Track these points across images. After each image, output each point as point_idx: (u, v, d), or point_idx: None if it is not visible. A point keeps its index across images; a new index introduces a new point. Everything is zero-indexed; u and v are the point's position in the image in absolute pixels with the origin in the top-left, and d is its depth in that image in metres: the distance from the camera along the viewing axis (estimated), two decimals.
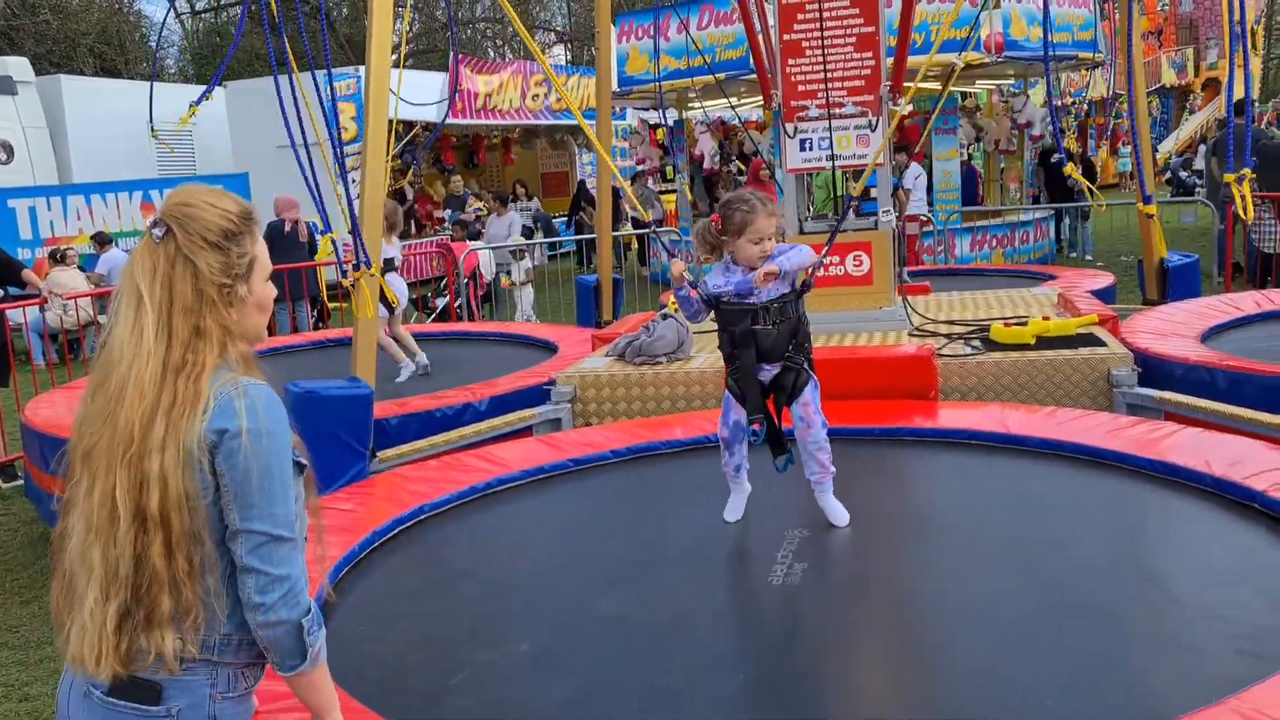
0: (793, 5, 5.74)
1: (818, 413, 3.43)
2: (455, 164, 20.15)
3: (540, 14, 42.33)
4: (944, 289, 7.56)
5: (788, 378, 3.40)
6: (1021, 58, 12.84)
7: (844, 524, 3.48)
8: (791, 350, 3.39)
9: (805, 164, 5.95)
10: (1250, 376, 4.70)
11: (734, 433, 3.47)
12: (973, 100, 16.98)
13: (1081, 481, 3.84)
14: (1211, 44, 28.08)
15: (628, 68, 14.90)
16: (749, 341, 3.35)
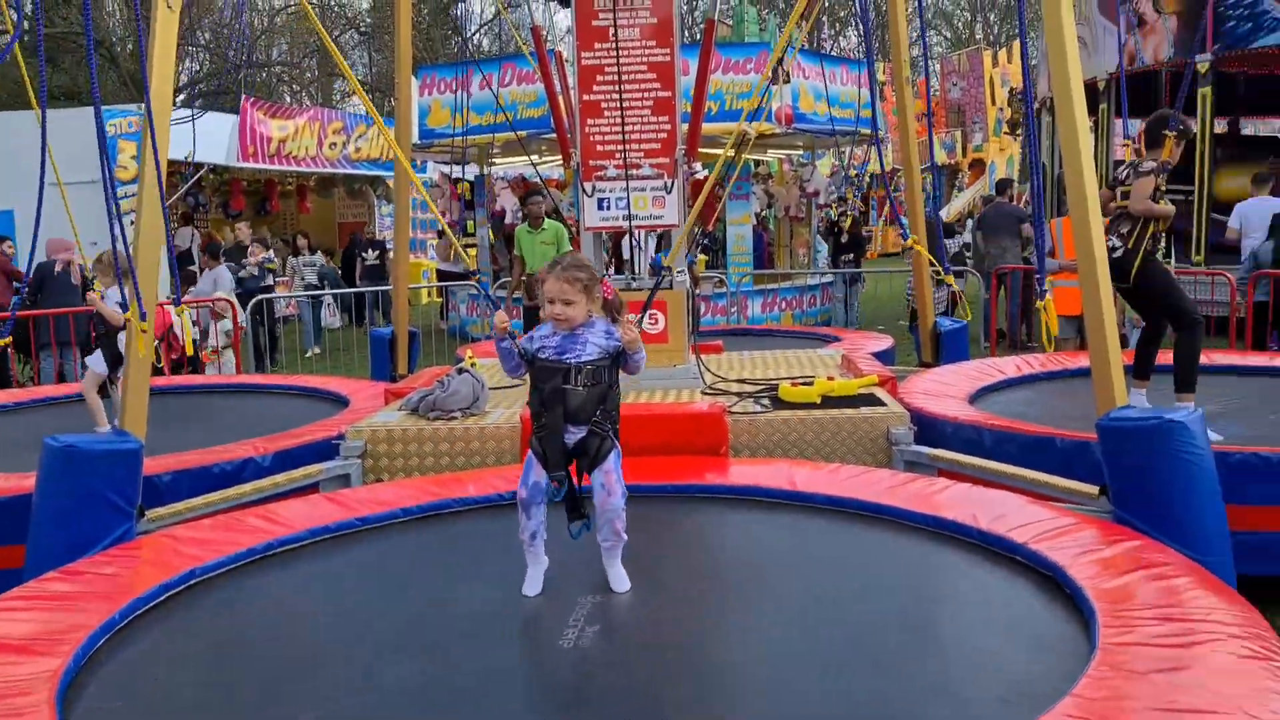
0: (592, 67, 5.84)
1: (619, 481, 3.41)
2: (245, 210, 19.40)
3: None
4: (736, 348, 7.79)
5: (592, 442, 3.37)
6: (809, 130, 13.52)
7: (624, 591, 3.46)
8: (599, 415, 3.37)
9: (603, 223, 6.03)
10: (1013, 435, 5.04)
11: (533, 494, 3.41)
12: (765, 168, 17.76)
13: (862, 536, 3.99)
14: (977, 128, 30.42)
15: (429, 121, 14.79)
16: (557, 401, 3.33)
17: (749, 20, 23.45)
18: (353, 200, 21.79)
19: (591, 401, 3.33)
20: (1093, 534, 3.62)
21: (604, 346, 3.35)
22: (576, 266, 3.33)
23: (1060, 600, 3.21)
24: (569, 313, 3.30)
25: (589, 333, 3.35)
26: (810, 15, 8.32)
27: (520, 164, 16.49)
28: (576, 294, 3.29)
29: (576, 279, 3.29)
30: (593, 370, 3.32)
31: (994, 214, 12.79)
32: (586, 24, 5.80)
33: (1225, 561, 3.77)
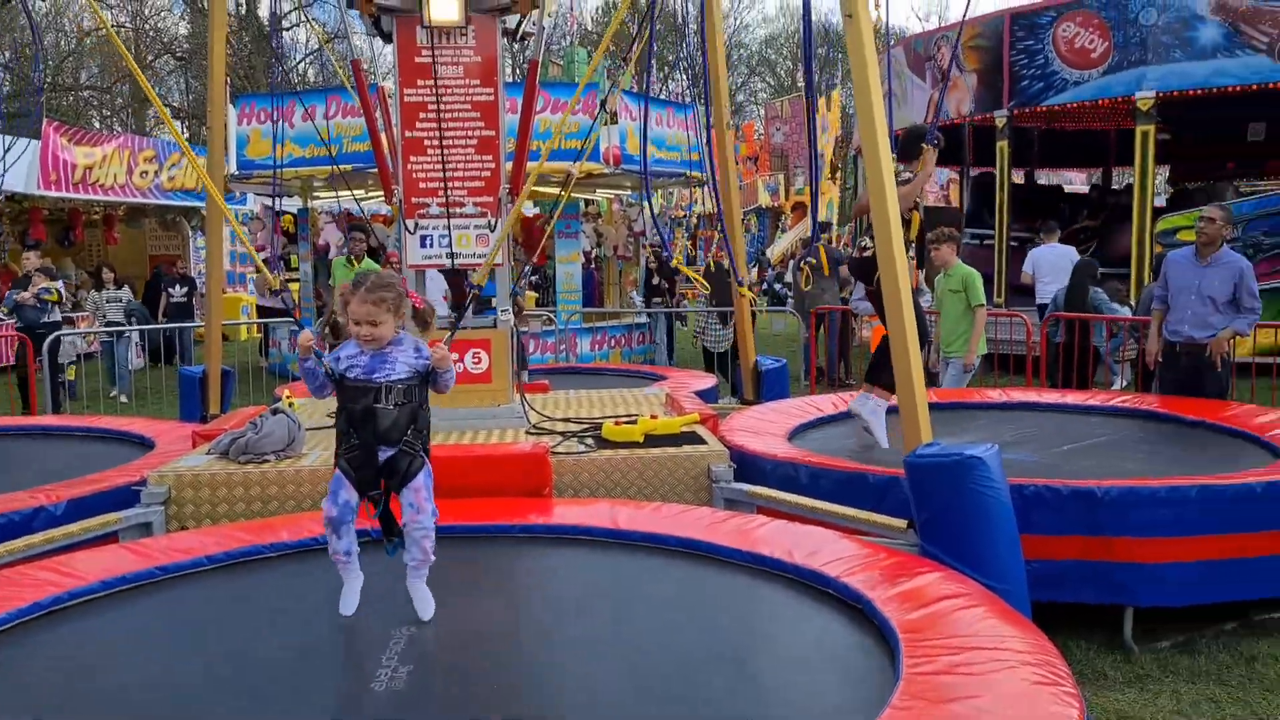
0: (414, 104, 5.77)
1: (428, 499, 3.41)
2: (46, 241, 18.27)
3: (156, 88, 39.88)
4: (563, 387, 7.79)
5: (402, 461, 3.36)
6: (636, 171, 13.73)
7: (428, 615, 3.43)
8: (410, 434, 3.36)
9: (426, 260, 5.95)
10: (828, 471, 5.20)
11: (343, 512, 3.37)
12: (595, 207, 17.92)
13: (681, 573, 4.02)
14: (799, 172, 31.59)
15: (248, 151, 14.30)
16: (369, 420, 3.29)
17: (579, 61, 23.75)
18: (165, 232, 20.84)
19: (403, 420, 3.33)
20: (899, 567, 3.76)
21: (413, 365, 3.35)
22: (382, 286, 3.31)
23: (868, 631, 3.32)
24: (377, 333, 3.29)
25: (398, 351, 3.35)
26: (632, 58, 8.46)
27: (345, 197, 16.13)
28: (384, 314, 3.28)
29: (383, 299, 3.28)
30: (404, 389, 3.33)
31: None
32: (408, 60, 5.74)
33: (1020, 590, 3.98)
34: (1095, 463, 5.59)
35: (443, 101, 5.72)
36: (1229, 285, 6.66)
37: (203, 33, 35.37)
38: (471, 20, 5.70)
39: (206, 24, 20.92)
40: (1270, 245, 12.12)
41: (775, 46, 52.03)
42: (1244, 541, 4.59)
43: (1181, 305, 6.78)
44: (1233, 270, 6.70)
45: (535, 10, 5.83)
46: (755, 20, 53.70)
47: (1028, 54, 13.55)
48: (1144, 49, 12.55)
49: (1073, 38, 13.13)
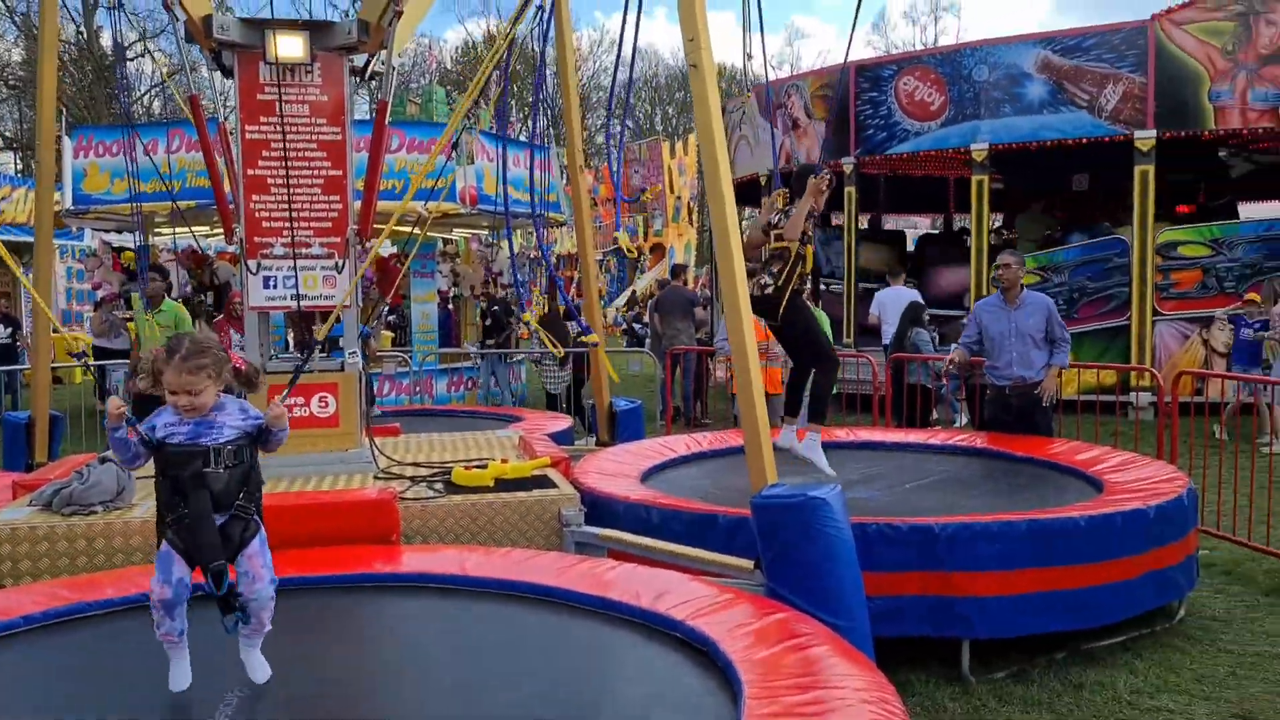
0: (258, 141, 5.62)
1: (265, 567, 3.22)
2: None
3: None
4: (416, 430, 7.64)
5: (236, 528, 3.16)
6: (492, 211, 13.70)
7: (262, 681, 3.26)
8: (243, 499, 3.18)
9: (269, 303, 5.77)
10: (678, 513, 5.23)
11: (178, 592, 3.11)
12: (453, 247, 17.78)
13: (530, 619, 3.98)
14: (657, 214, 32.06)
15: (86, 185, 13.72)
16: (199, 487, 3.09)
17: (437, 100, 23.62)
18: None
19: (234, 484, 3.15)
20: (746, 608, 3.81)
21: (240, 426, 3.18)
22: (199, 353, 3.09)
23: (713, 674, 3.34)
24: (196, 402, 3.10)
25: (221, 415, 3.16)
26: (491, 99, 8.46)
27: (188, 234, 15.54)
28: (202, 381, 3.08)
29: (200, 366, 3.08)
30: (234, 450, 3.14)
31: (668, 297, 13.45)
32: (251, 97, 5.59)
33: (862, 627, 4.08)
34: (935, 500, 5.80)
35: (288, 139, 5.59)
36: (1041, 321, 7.07)
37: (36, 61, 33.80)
38: (317, 58, 5.60)
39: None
40: (1094, 289, 12.88)
41: (634, 90, 52.84)
42: (1071, 573, 4.81)
43: (1005, 349, 7.11)
44: (1040, 308, 7.14)
45: (384, 50, 5.76)
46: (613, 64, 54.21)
47: (872, 105, 14.13)
48: (977, 104, 13.24)
49: (913, 91, 13.76)
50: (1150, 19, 12.45)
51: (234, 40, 5.52)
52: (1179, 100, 12.32)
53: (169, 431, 3.12)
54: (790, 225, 6.13)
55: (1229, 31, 12.14)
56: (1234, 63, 12.14)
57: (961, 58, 13.61)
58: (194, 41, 5.63)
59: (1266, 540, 6.39)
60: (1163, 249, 12.63)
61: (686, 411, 12.93)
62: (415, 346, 14.19)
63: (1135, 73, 12.41)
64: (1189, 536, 5.42)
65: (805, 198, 6.17)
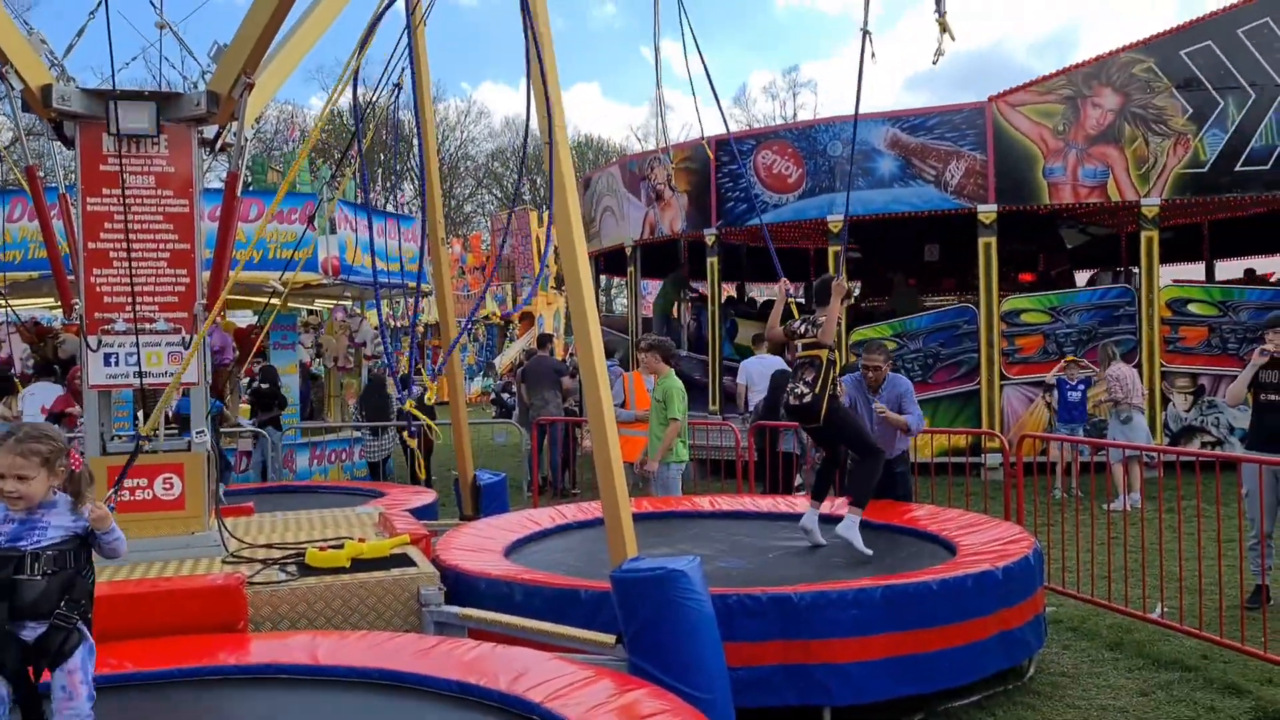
0: (99, 213, 5.42)
1: (84, 683, 3.00)
2: None
3: None
4: (272, 508, 7.37)
5: (55, 638, 2.95)
6: (355, 282, 13.50)
7: None
8: (64, 607, 2.97)
9: (110, 380, 5.52)
10: (541, 588, 5.16)
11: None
12: (317, 317, 17.40)
13: (385, 708, 3.85)
14: (525, 282, 32.09)
15: None
16: (9, 593, 2.88)
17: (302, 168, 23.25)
18: None
19: (54, 591, 2.94)
20: (606, 686, 3.76)
21: (69, 527, 3.00)
22: (35, 438, 2.95)
23: None
24: (24, 490, 2.92)
25: (50, 514, 2.98)
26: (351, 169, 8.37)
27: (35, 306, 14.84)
28: (34, 469, 2.92)
29: (35, 451, 2.92)
30: (55, 555, 2.95)
31: (535, 366, 13.42)
32: (92, 168, 5.39)
33: (723, 699, 4.08)
34: (797, 568, 5.87)
35: (132, 212, 5.40)
36: (896, 402, 7.27)
37: None
38: (164, 129, 5.45)
39: None
40: (947, 355, 13.40)
41: (502, 160, 53.13)
42: (924, 637, 4.92)
43: None
44: (894, 394, 7.33)
45: (235, 121, 5.65)
46: (482, 134, 54.60)
47: (732, 177, 14.52)
48: (832, 177, 13.75)
49: (771, 164, 14.21)
50: (988, 100, 13.20)
51: (76, 111, 5.34)
52: (1017, 176, 13.04)
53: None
54: (824, 332, 6.32)
55: (1059, 113, 12.95)
56: (1065, 142, 12.93)
57: (817, 133, 14.14)
58: (32, 111, 5.42)
59: (1109, 595, 6.67)
60: (1007, 316, 13.25)
61: (555, 482, 12.86)
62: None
63: (976, 150, 13.10)
64: (1036, 595, 5.61)
65: (833, 303, 6.36)
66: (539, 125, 4.48)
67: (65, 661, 2.97)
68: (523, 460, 12.62)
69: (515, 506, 8.52)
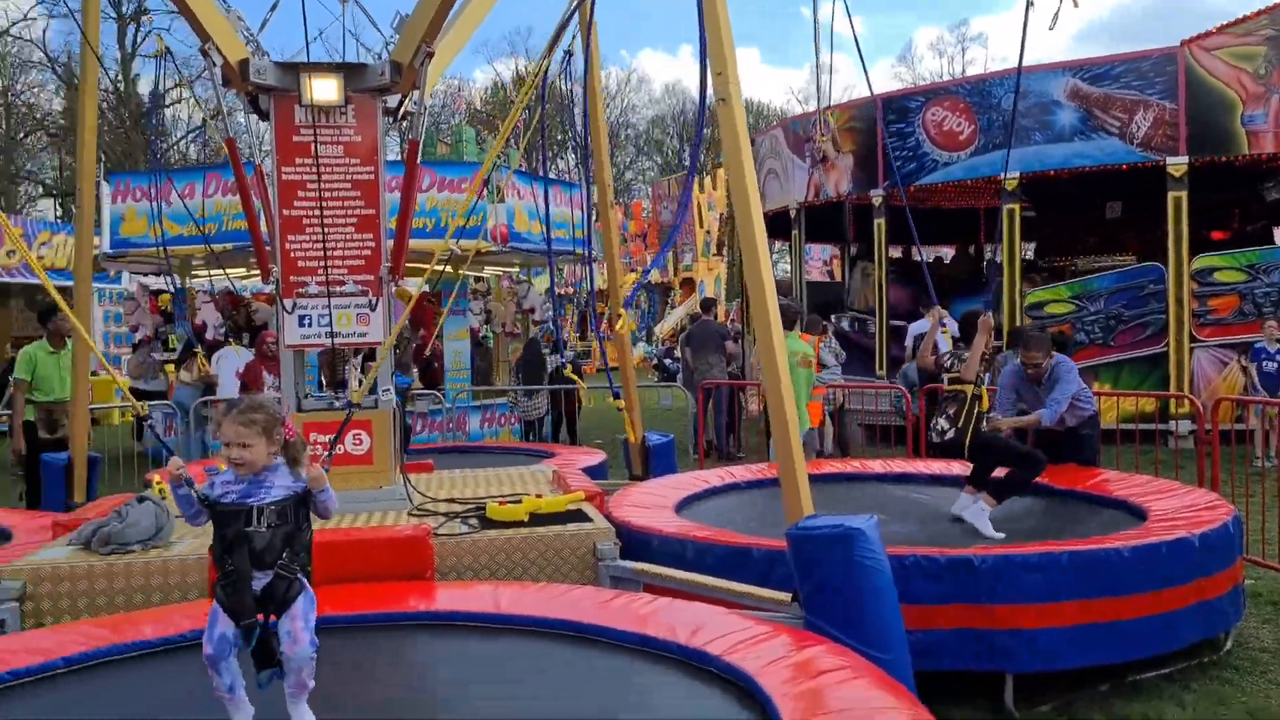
0: (293, 182, 5.70)
1: (306, 629, 3.20)
2: None
3: (28, 164, 38.67)
4: (449, 466, 7.66)
5: (279, 586, 3.17)
6: (523, 248, 13.78)
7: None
8: (286, 558, 3.19)
9: (304, 340, 5.82)
10: (713, 546, 5.19)
11: (219, 648, 3.14)
12: (484, 284, 17.89)
13: (565, 656, 3.95)
14: (686, 249, 32.12)
15: (123, 229, 13.92)
16: (241, 545, 3.14)
17: (467, 140, 23.88)
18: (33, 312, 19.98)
19: (278, 543, 3.17)
20: (783, 641, 3.76)
21: (290, 487, 3.23)
22: (253, 409, 3.20)
23: (752, 709, 3.29)
24: (247, 456, 3.16)
25: (273, 476, 3.22)
26: (522, 140, 8.55)
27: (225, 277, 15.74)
28: (254, 437, 3.15)
29: (253, 421, 3.16)
30: (278, 510, 3.18)
31: (700, 331, 13.43)
32: (286, 140, 5.68)
33: (902, 660, 4.01)
34: (972, 531, 5.72)
35: (322, 180, 5.66)
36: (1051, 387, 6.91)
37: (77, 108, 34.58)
38: (351, 100, 5.68)
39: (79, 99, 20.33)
40: (1130, 317, 12.75)
41: (662, 127, 53.22)
42: (1115, 605, 4.72)
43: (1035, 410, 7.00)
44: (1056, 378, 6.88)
45: (416, 90, 5.83)
46: (642, 101, 54.82)
47: (899, 136, 14.12)
48: (1007, 132, 13.19)
49: (941, 121, 13.75)
50: (1179, 45, 12.39)
51: (270, 84, 5.61)
52: (1211, 126, 12.23)
53: (224, 490, 3.20)
54: (967, 367, 6.25)
55: (1260, 56, 12.06)
56: (1266, 87, 12.04)
57: (990, 87, 13.60)
58: (231, 86, 5.73)
59: None
60: (1199, 275, 12.49)
61: (720, 445, 12.88)
62: (448, 384, 14.23)
63: (1165, 99, 12.33)
64: (1235, 566, 5.31)
65: (978, 338, 6.27)
66: (711, 83, 4.44)
67: (288, 609, 3.17)
68: (688, 424, 12.69)
69: (682, 469, 8.58)
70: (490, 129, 35.99)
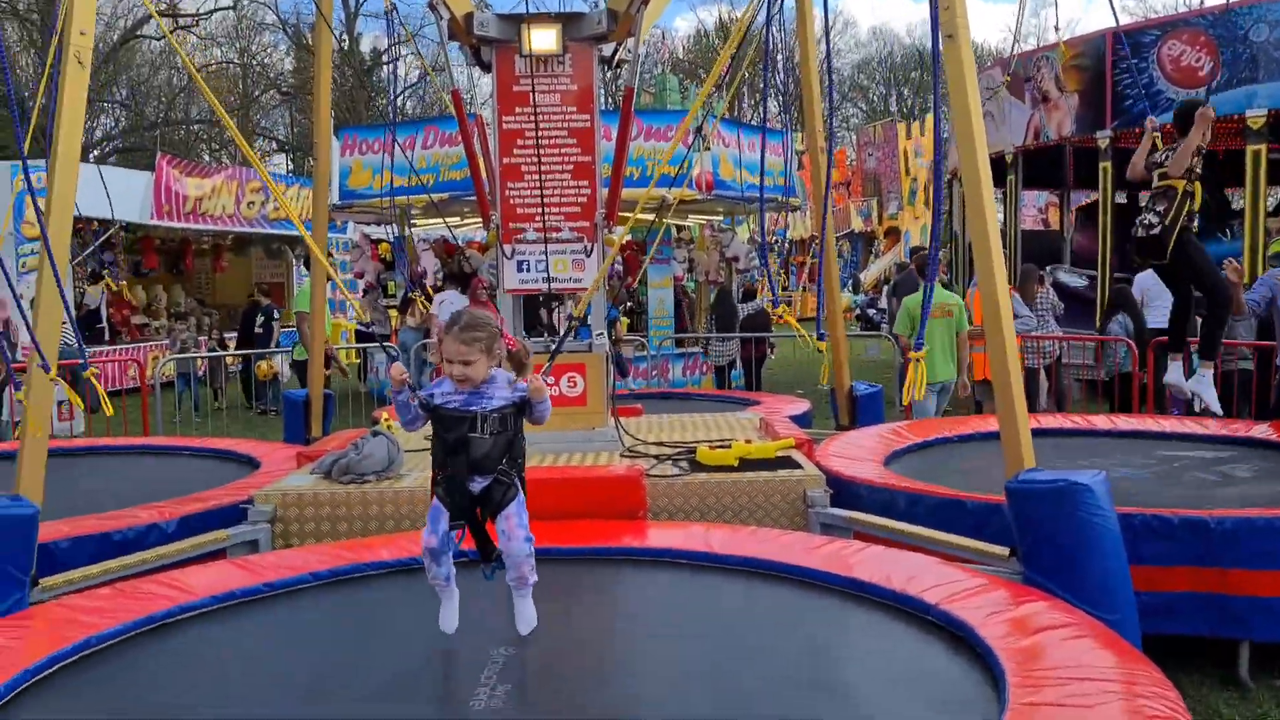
0: (512, 131, 5.88)
1: (520, 526, 3.40)
2: (159, 268, 19.03)
3: (262, 121, 41.36)
4: (656, 411, 7.80)
5: (497, 490, 3.36)
6: (728, 196, 13.75)
7: (529, 630, 3.44)
8: (505, 464, 3.37)
9: (522, 285, 6.03)
10: (924, 497, 5.10)
11: (443, 542, 3.38)
12: (687, 233, 17.97)
13: (778, 597, 3.99)
14: (892, 196, 31.25)
15: (350, 181, 14.72)
16: (463, 449, 3.31)
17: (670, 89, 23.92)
18: (270, 260, 21.48)
19: (498, 450, 3.33)
20: (1002, 595, 3.67)
21: (508, 398, 3.35)
22: (474, 326, 3.31)
23: (970, 660, 3.24)
24: (469, 373, 3.29)
25: (491, 388, 3.35)
26: (730, 86, 8.49)
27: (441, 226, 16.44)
28: (476, 354, 3.28)
29: (475, 339, 3.28)
30: (499, 418, 3.32)
31: (907, 280, 13.09)
32: (507, 89, 5.86)
33: (1130, 621, 3.85)
34: (1206, 492, 5.39)
35: (540, 128, 5.81)
36: None
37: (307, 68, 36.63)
38: (569, 48, 5.79)
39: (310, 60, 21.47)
40: None
41: (868, 72, 51.70)
42: None
43: None
44: None
45: (631, 38, 5.89)
46: (848, 45, 53.31)
47: (1131, 73, 13.22)
48: (1254, 66, 12.14)
49: (1178, 56, 12.77)
50: None
51: (492, 35, 5.79)
52: None
53: (446, 399, 3.36)
54: (1175, 161, 5.96)
55: None
56: None
57: (1236, 17, 12.50)
58: (455, 39, 5.94)
59: None
60: None
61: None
62: (651, 331, 14.44)
63: None
64: None
65: (1193, 131, 5.96)
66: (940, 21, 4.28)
67: (504, 509, 3.37)
68: (894, 375, 12.43)
69: (888, 419, 8.43)
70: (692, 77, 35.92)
